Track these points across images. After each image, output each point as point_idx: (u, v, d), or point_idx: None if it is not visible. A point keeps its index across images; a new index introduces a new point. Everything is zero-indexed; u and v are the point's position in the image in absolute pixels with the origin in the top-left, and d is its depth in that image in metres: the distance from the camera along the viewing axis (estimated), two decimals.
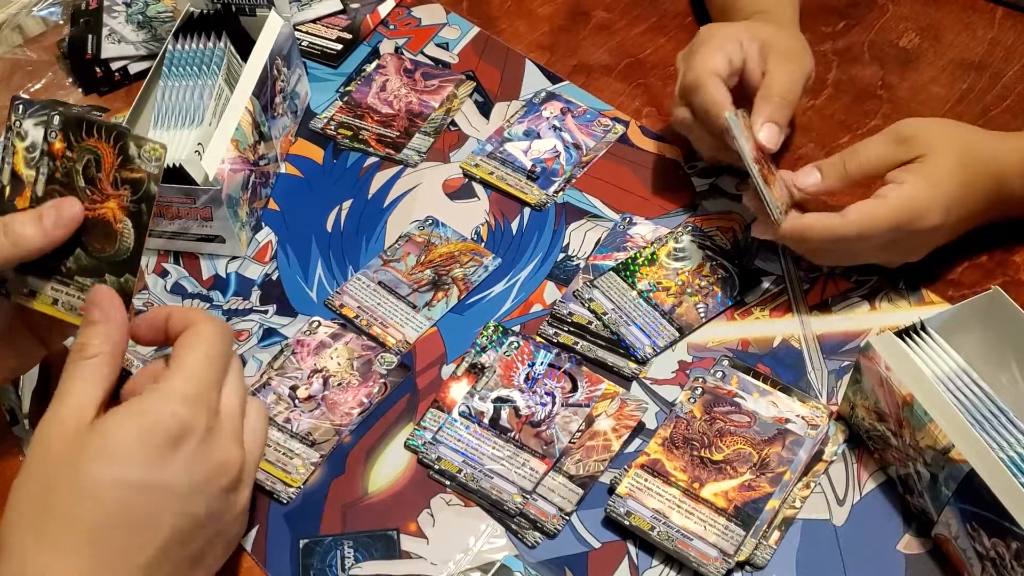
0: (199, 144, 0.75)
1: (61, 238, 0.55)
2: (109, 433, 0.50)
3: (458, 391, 0.70)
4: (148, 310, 0.58)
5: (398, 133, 0.88)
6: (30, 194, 0.56)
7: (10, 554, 0.49)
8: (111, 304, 0.54)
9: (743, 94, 0.74)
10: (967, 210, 0.68)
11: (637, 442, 0.67)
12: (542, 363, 0.70)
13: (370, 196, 0.84)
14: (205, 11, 0.85)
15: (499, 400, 0.69)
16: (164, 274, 0.79)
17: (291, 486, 0.66)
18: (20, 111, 0.55)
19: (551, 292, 0.76)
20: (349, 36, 0.98)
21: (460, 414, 0.68)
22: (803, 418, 0.66)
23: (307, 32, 0.98)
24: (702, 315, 0.73)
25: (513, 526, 0.63)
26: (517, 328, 0.73)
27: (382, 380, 0.71)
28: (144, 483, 0.50)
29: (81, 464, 0.49)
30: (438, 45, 0.96)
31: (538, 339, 0.72)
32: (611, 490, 0.64)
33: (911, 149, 0.67)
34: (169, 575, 0.51)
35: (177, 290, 0.78)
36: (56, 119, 0.55)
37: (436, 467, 0.66)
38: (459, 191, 0.84)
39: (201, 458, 0.52)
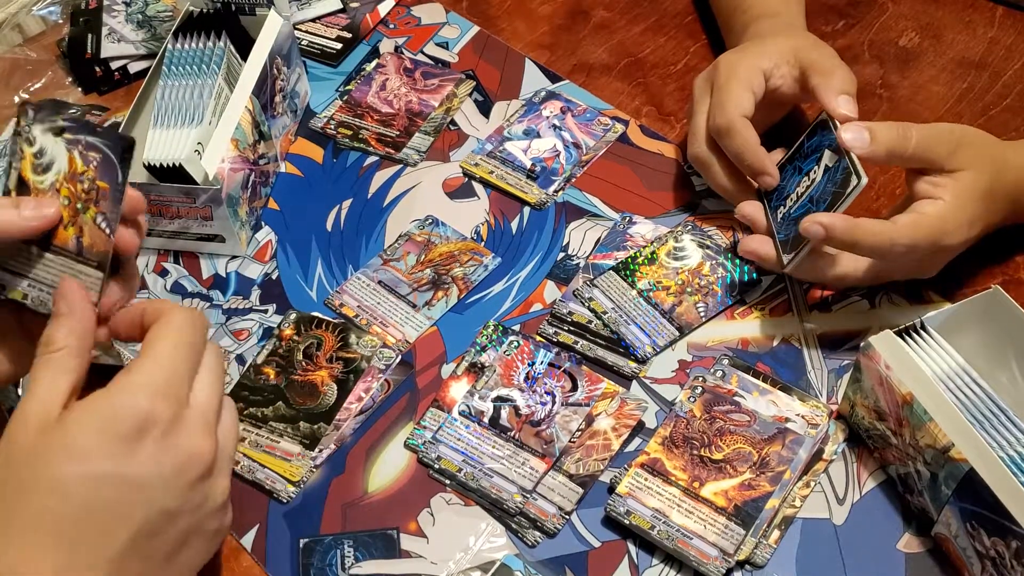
0: (199, 143, 0.75)
1: (35, 230, 0.55)
2: (70, 428, 0.50)
3: (458, 390, 0.70)
4: (128, 306, 0.58)
5: (398, 132, 0.88)
6: None
7: None
8: (77, 297, 0.54)
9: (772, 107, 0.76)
10: (984, 228, 0.69)
11: (637, 441, 0.67)
12: (542, 362, 0.70)
13: (370, 195, 0.84)
14: (205, 10, 0.85)
15: (499, 399, 0.69)
16: (164, 273, 0.79)
17: (291, 482, 0.66)
18: (30, 116, 0.55)
19: (551, 291, 0.76)
20: (349, 35, 0.98)
21: (460, 413, 0.68)
22: (803, 417, 0.66)
23: (307, 31, 0.98)
24: (702, 314, 0.73)
25: (513, 525, 0.63)
26: (517, 327, 0.73)
27: (383, 377, 0.71)
28: (109, 475, 0.49)
29: (45, 459, 0.49)
30: (438, 44, 0.96)
31: (538, 338, 0.72)
32: (611, 489, 0.64)
33: (956, 159, 0.66)
34: (142, 569, 0.51)
35: (177, 289, 0.78)
36: (292, 316, 0.74)
37: (436, 466, 0.66)
38: (459, 190, 0.84)
39: (168, 449, 0.51)
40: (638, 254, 0.76)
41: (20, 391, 0.71)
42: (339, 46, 0.97)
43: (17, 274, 0.56)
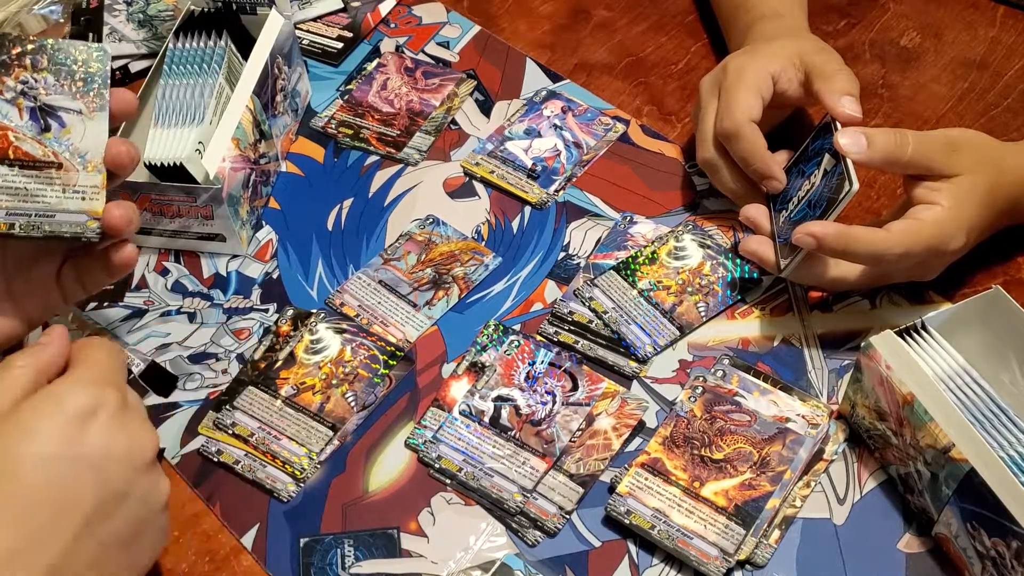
0: (200, 143, 0.75)
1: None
2: (23, 412, 0.51)
3: (458, 390, 0.70)
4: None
5: (399, 132, 0.88)
6: None
7: None
8: (61, 340, 0.56)
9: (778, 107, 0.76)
10: (985, 231, 0.69)
11: (637, 441, 0.67)
12: (542, 362, 0.70)
13: (371, 195, 0.84)
14: (206, 9, 0.85)
15: (499, 399, 0.69)
16: (165, 272, 0.79)
17: (297, 479, 0.66)
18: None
19: (552, 291, 0.76)
20: (350, 34, 0.98)
21: (460, 413, 0.68)
22: (803, 417, 0.66)
23: (308, 30, 0.98)
24: (702, 314, 0.73)
25: (513, 525, 0.63)
26: (517, 327, 0.73)
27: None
28: (61, 455, 0.50)
29: None
30: (439, 44, 0.96)
31: (538, 338, 0.72)
32: (611, 489, 0.64)
33: (953, 164, 0.66)
34: (96, 555, 0.51)
35: (178, 289, 0.78)
36: (289, 312, 0.75)
37: (436, 466, 0.66)
38: (460, 190, 0.84)
39: (116, 430, 0.52)
40: (639, 254, 0.76)
41: None
42: (340, 45, 0.97)
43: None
